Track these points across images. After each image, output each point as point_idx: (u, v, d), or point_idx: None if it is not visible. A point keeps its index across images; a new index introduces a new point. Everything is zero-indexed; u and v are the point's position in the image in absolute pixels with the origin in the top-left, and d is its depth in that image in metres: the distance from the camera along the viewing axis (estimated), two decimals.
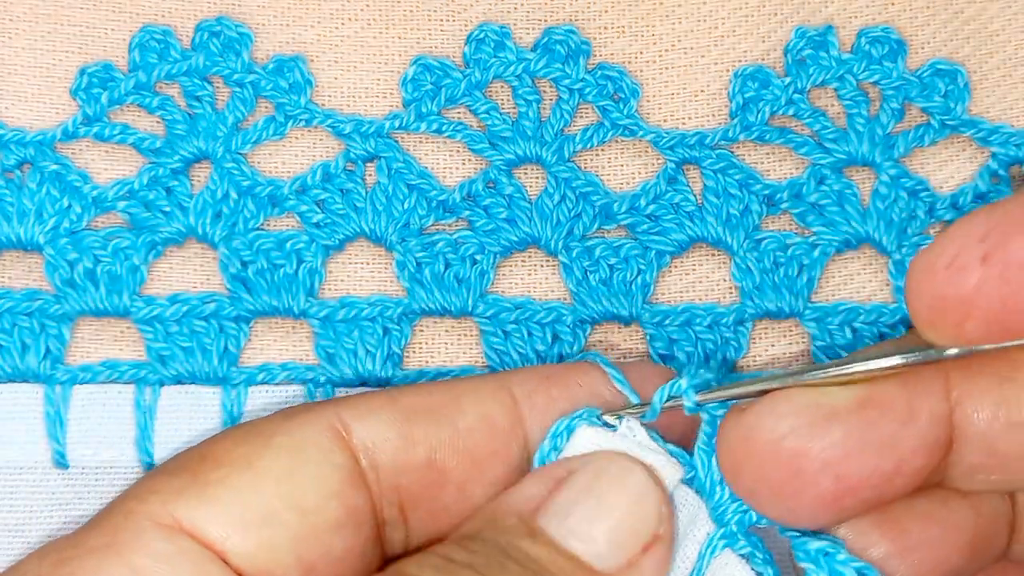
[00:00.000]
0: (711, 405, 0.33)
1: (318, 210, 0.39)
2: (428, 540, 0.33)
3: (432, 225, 0.39)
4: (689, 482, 0.33)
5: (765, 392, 0.31)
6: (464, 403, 0.33)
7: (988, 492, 0.32)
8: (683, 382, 0.32)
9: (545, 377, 0.35)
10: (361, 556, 0.32)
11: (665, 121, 0.40)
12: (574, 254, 0.39)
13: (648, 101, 0.40)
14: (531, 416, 0.34)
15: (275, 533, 0.30)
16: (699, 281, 0.39)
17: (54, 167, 0.39)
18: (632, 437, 0.33)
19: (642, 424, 0.33)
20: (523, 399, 0.34)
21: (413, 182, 0.39)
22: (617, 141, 0.40)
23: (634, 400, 0.34)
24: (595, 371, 0.35)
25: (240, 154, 0.39)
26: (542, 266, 0.40)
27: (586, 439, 0.33)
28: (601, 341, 0.39)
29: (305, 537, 0.31)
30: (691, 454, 0.33)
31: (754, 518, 0.32)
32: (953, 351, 0.29)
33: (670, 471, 0.33)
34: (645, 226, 0.39)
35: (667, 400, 0.33)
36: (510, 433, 0.34)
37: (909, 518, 0.31)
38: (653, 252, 0.39)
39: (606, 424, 0.33)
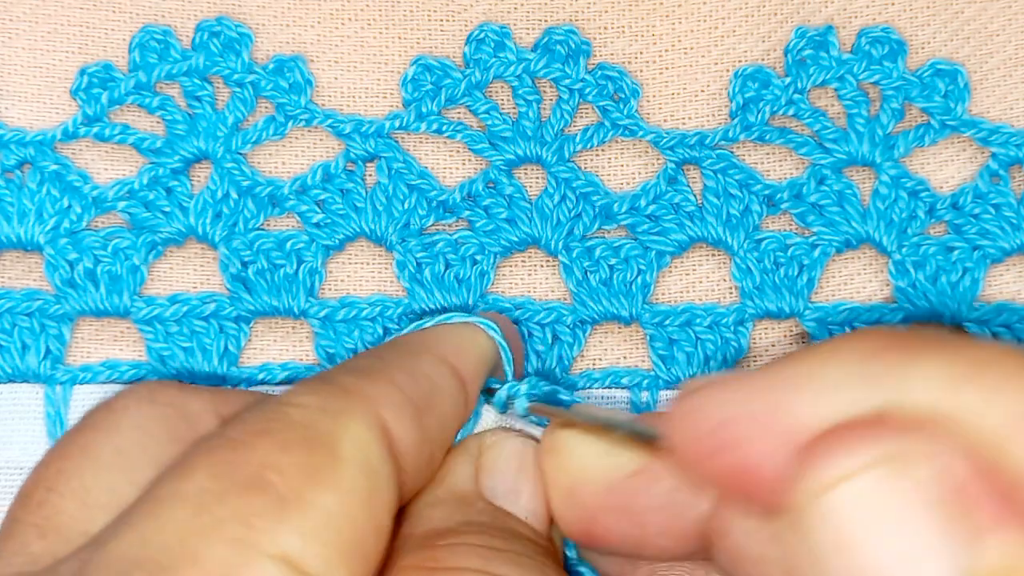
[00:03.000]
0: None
1: (318, 210, 0.39)
2: None
3: (432, 225, 0.39)
4: None
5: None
6: (442, 387, 0.33)
7: None
8: (523, 387, 0.35)
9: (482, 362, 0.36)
10: None
11: (665, 121, 0.40)
12: (574, 254, 0.39)
13: (648, 101, 0.40)
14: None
15: (361, 559, 0.28)
16: (699, 281, 0.39)
17: (54, 167, 0.39)
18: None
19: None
20: (469, 381, 0.35)
21: (413, 182, 0.39)
22: (617, 141, 0.40)
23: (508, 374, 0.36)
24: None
25: (240, 154, 0.39)
26: (542, 266, 0.40)
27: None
28: (601, 341, 0.39)
29: (377, 555, 0.29)
30: None
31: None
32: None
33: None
34: (645, 226, 0.39)
35: (507, 399, 0.35)
36: (465, 411, 0.34)
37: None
38: (653, 252, 0.39)
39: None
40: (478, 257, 0.39)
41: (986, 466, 0.24)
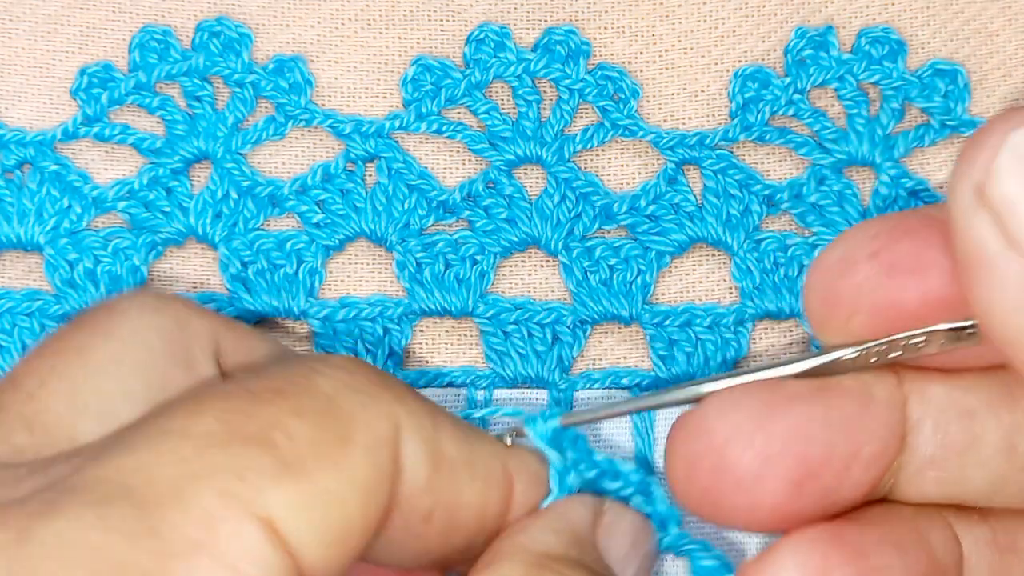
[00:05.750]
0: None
1: (318, 210, 0.39)
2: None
3: (432, 225, 0.39)
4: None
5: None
6: (476, 477, 0.31)
7: (935, 505, 0.32)
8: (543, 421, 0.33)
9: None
10: None
11: (665, 121, 0.40)
12: (574, 254, 0.39)
13: (648, 101, 0.40)
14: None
15: (344, 550, 0.27)
16: (699, 281, 0.39)
17: (54, 167, 0.39)
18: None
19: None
20: (518, 484, 0.33)
21: (413, 182, 0.39)
22: (617, 141, 0.40)
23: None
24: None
25: (240, 154, 0.39)
26: (542, 266, 0.40)
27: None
28: (601, 342, 0.39)
29: (355, 554, 0.28)
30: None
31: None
32: (850, 351, 0.29)
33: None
34: (645, 226, 0.39)
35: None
36: (492, 518, 0.32)
37: (866, 542, 0.31)
38: (653, 252, 0.39)
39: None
40: (478, 257, 0.39)
41: None
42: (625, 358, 0.39)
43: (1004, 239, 0.25)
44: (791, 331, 0.39)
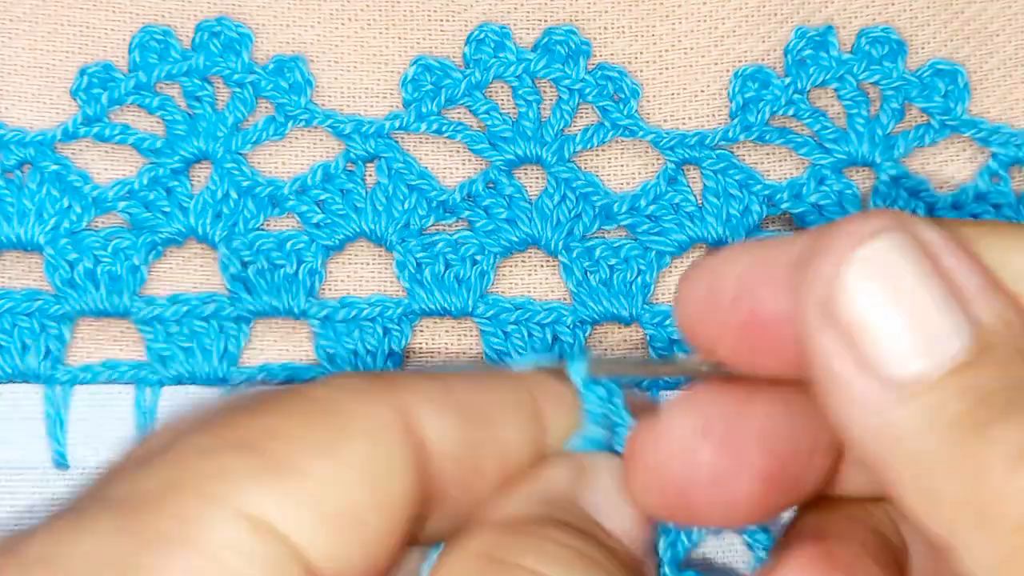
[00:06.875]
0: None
1: (318, 210, 0.39)
2: (436, 534, 0.33)
3: (432, 225, 0.39)
4: None
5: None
6: (507, 411, 0.31)
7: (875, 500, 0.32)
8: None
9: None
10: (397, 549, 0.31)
11: (665, 121, 0.40)
12: (574, 254, 0.39)
13: (648, 101, 0.40)
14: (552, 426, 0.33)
15: (355, 535, 0.27)
16: None
17: (54, 167, 0.39)
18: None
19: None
20: (547, 409, 0.33)
21: (413, 182, 0.39)
22: (617, 141, 0.40)
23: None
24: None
25: (240, 154, 0.39)
26: (542, 266, 0.40)
27: None
28: (601, 342, 0.39)
29: (379, 539, 0.28)
30: None
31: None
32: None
33: None
34: (645, 226, 0.39)
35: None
36: (534, 446, 0.32)
37: (852, 555, 0.30)
38: (653, 252, 0.39)
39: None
40: (478, 257, 0.39)
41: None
42: (625, 358, 0.39)
43: (855, 362, 0.24)
44: None
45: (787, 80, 0.39)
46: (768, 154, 0.40)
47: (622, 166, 0.40)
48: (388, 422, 0.28)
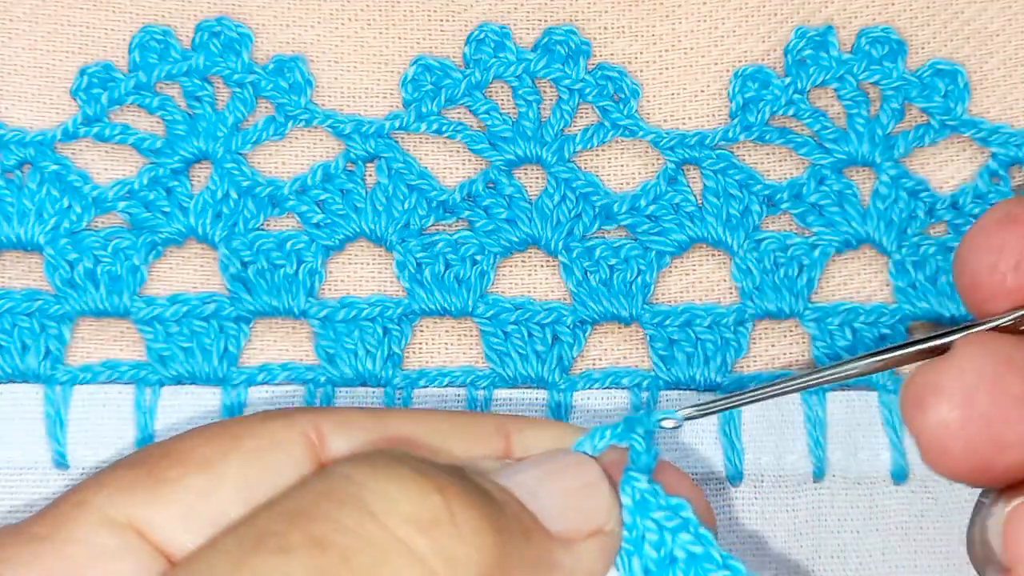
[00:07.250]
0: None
1: (318, 210, 0.39)
2: None
3: (432, 225, 0.39)
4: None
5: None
6: (451, 444, 0.32)
7: None
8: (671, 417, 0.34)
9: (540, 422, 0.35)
10: None
11: (665, 121, 0.40)
12: (574, 254, 0.39)
13: (648, 101, 0.40)
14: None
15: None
16: (699, 281, 0.39)
17: (54, 167, 0.39)
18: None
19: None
20: (516, 442, 0.33)
21: (413, 182, 0.39)
22: (617, 141, 0.40)
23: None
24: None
25: (240, 154, 0.39)
26: (542, 266, 0.40)
27: None
28: (601, 342, 0.39)
29: None
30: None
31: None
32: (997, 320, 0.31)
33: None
34: (645, 226, 0.39)
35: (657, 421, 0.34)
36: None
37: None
38: (653, 252, 0.39)
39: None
40: (478, 257, 0.39)
41: None
42: (625, 358, 0.39)
43: None
44: (791, 331, 0.39)
45: (787, 80, 0.39)
46: (768, 154, 0.40)
47: (622, 166, 0.40)
48: (279, 442, 0.31)
